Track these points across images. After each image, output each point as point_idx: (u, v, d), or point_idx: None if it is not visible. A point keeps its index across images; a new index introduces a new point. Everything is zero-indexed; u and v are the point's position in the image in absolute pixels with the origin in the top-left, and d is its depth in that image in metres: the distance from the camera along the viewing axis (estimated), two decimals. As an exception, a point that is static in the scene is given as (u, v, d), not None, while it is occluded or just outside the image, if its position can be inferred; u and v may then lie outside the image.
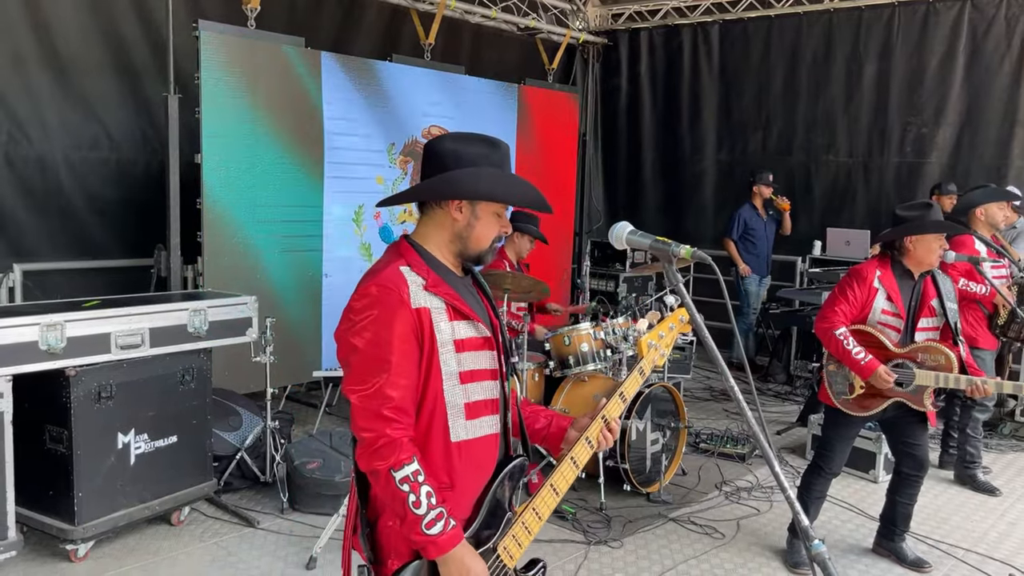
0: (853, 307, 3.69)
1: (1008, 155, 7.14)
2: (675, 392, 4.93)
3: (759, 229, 7.77)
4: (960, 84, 7.34)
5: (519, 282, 4.88)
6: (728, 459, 5.39)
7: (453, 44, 7.77)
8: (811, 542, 1.42)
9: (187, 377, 4.12)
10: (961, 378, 3.53)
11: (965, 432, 5.02)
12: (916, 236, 3.65)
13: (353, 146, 6.17)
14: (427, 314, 1.85)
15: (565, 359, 4.93)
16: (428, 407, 1.88)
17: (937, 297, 3.73)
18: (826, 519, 4.51)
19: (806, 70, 8.21)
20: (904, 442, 3.85)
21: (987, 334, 4.88)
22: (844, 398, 3.77)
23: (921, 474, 3.88)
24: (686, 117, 9.05)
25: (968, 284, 4.73)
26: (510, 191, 1.96)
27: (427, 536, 1.78)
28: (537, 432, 2.12)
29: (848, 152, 8.06)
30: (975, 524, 4.53)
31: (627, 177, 9.56)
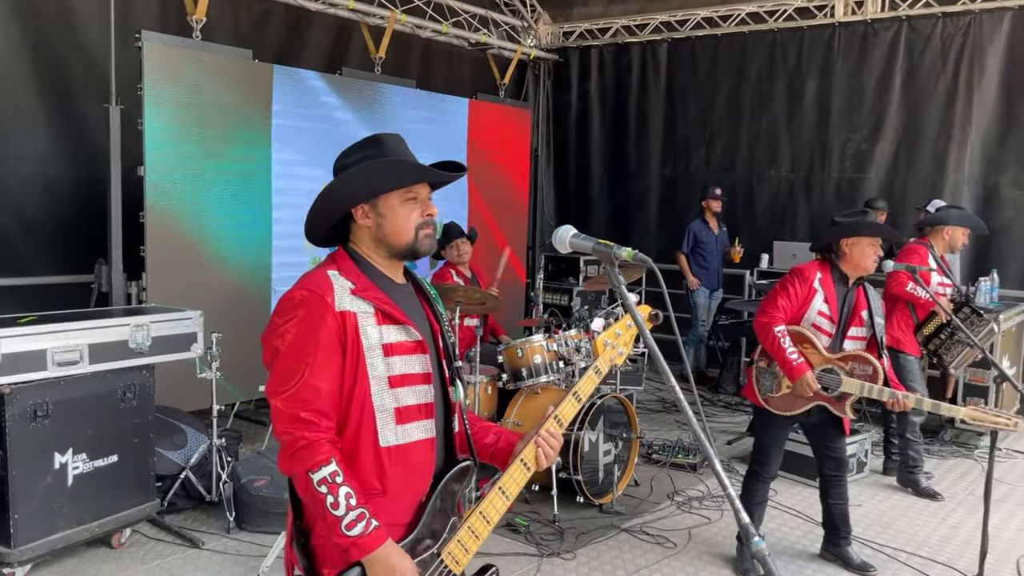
0: (793, 304, 3.78)
1: (943, 170, 7.38)
2: (627, 403, 4.96)
3: (710, 243, 7.88)
4: (897, 102, 7.59)
5: (470, 295, 4.87)
6: (680, 469, 5.43)
7: (404, 58, 7.77)
8: (751, 539, 1.43)
9: (128, 394, 4.00)
10: (884, 390, 3.64)
11: (905, 437, 5.15)
12: (851, 239, 3.76)
13: (302, 160, 6.11)
14: (352, 318, 1.84)
15: (518, 371, 4.92)
16: (356, 412, 1.86)
17: (867, 309, 3.84)
18: (775, 526, 4.57)
19: (750, 88, 8.40)
20: (825, 446, 3.98)
21: (912, 340, 5.08)
22: (769, 395, 3.85)
23: (842, 473, 4.00)
24: (633, 133, 9.17)
25: (916, 288, 4.89)
26: (382, 177, 1.92)
27: (348, 537, 1.76)
28: (486, 448, 2.10)
29: (790, 167, 8.26)
30: (918, 528, 4.63)
31: (576, 192, 9.64)
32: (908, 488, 5.18)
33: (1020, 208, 7.07)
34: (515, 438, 2.07)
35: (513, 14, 9.05)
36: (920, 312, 5.03)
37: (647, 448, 5.70)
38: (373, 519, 1.79)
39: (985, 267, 6.64)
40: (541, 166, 9.48)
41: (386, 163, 1.93)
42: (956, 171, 7.32)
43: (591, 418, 4.66)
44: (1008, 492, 5.19)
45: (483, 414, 4.90)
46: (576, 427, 4.59)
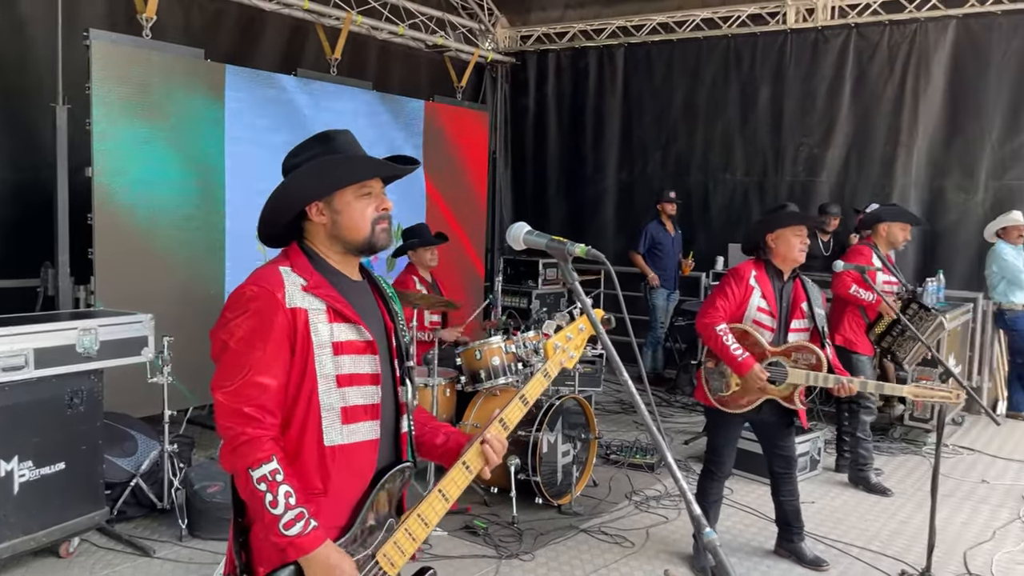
0: (732, 304, 3.86)
1: (892, 174, 7.58)
2: (586, 404, 4.99)
3: (666, 244, 7.98)
4: (848, 107, 7.77)
5: (427, 301, 4.87)
6: (638, 469, 5.48)
7: (360, 60, 7.74)
8: (703, 530, 1.45)
9: (76, 400, 3.91)
10: (829, 377, 3.74)
11: (856, 436, 5.27)
12: (774, 233, 3.85)
13: (257, 161, 6.03)
14: (303, 315, 1.84)
15: (476, 374, 4.93)
16: (302, 409, 1.85)
17: (807, 301, 3.93)
18: (730, 524, 4.64)
19: (705, 93, 8.54)
20: (775, 444, 4.06)
21: (865, 340, 5.20)
22: (720, 395, 3.92)
23: (791, 470, 4.09)
24: (590, 137, 9.25)
25: (859, 291, 5.02)
26: (336, 173, 1.91)
27: (286, 537, 1.76)
28: (435, 448, 2.11)
29: (744, 171, 8.41)
30: (869, 523, 4.74)
31: (534, 194, 9.70)
32: (859, 485, 5.30)
33: (964, 211, 7.30)
34: (464, 439, 2.08)
35: (470, 17, 9.07)
36: (870, 312, 5.16)
37: (605, 449, 5.74)
38: (312, 519, 1.78)
39: (932, 268, 6.83)
40: (499, 168, 9.51)
41: (339, 159, 1.93)
42: (904, 175, 7.53)
43: (549, 419, 4.68)
44: (955, 487, 5.35)
45: (441, 416, 4.90)
46: (534, 428, 4.61)
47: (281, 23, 7.05)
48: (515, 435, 4.67)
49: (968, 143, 7.23)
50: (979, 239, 7.07)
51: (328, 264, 1.96)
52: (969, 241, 7.25)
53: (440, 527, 4.36)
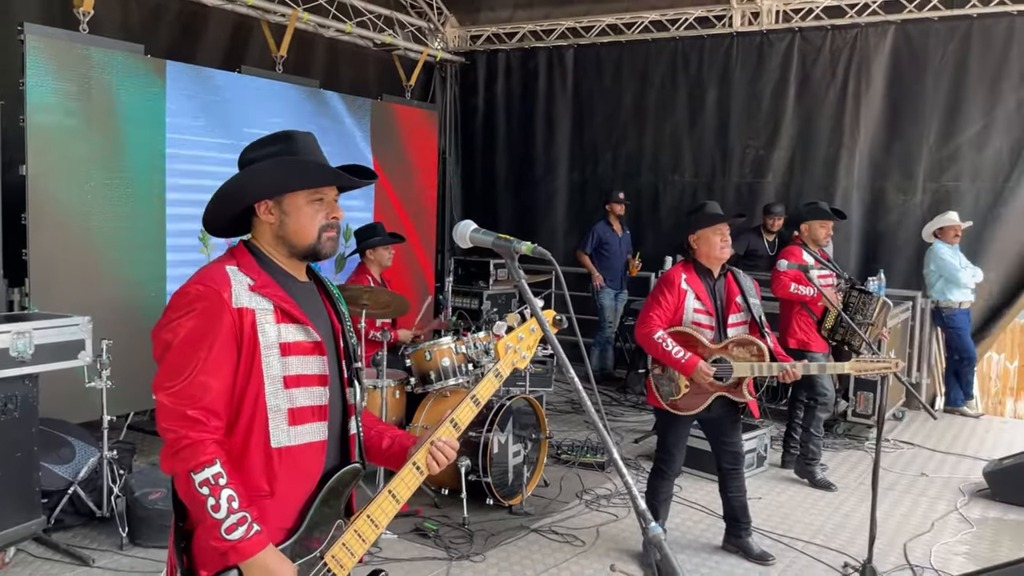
0: (667, 311, 3.94)
1: (835, 175, 7.79)
2: (536, 404, 5.03)
3: (613, 244, 8.06)
4: (792, 109, 7.96)
5: (377, 297, 4.84)
6: (588, 468, 5.53)
7: (307, 58, 7.66)
8: (648, 524, 1.49)
9: (9, 406, 3.80)
10: (773, 365, 3.86)
11: (808, 431, 5.39)
12: (695, 234, 3.95)
13: (199, 160, 5.93)
14: (250, 315, 1.83)
15: (426, 375, 4.92)
16: (248, 411, 1.84)
17: (741, 294, 4.03)
18: (679, 521, 4.72)
19: (654, 94, 8.66)
20: (722, 440, 4.15)
21: (817, 338, 5.31)
22: (672, 399, 3.98)
23: (739, 466, 4.18)
24: (540, 138, 9.31)
25: (799, 288, 5.16)
26: (292, 175, 1.91)
27: (227, 541, 1.74)
28: (381, 452, 2.11)
29: (693, 173, 8.55)
30: (813, 517, 4.87)
31: (484, 195, 9.72)
32: (805, 479, 5.43)
33: (904, 212, 7.53)
34: (410, 442, 2.08)
35: (419, 16, 9.05)
36: (815, 308, 5.28)
37: (556, 448, 5.78)
38: (255, 524, 1.77)
39: (873, 267, 7.03)
40: (449, 168, 9.50)
41: (299, 162, 1.92)
42: (847, 177, 7.75)
43: (500, 420, 4.70)
44: (895, 480, 5.52)
45: (391, 419, 4.88)
46: (485, 429, 4.63)
47: (224, 19, 6.94)
48: (466, 436, 4.65)
49: (907, 146, 7.47)
50: (918, 239, 7.31)
51: (275, 264, 1.95)
52: (908, 241, 7.48)
53: (390, 530, 4.34)
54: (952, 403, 7.24)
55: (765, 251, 7.54)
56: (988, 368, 7.72)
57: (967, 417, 7.14)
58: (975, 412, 7.24)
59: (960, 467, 5.85)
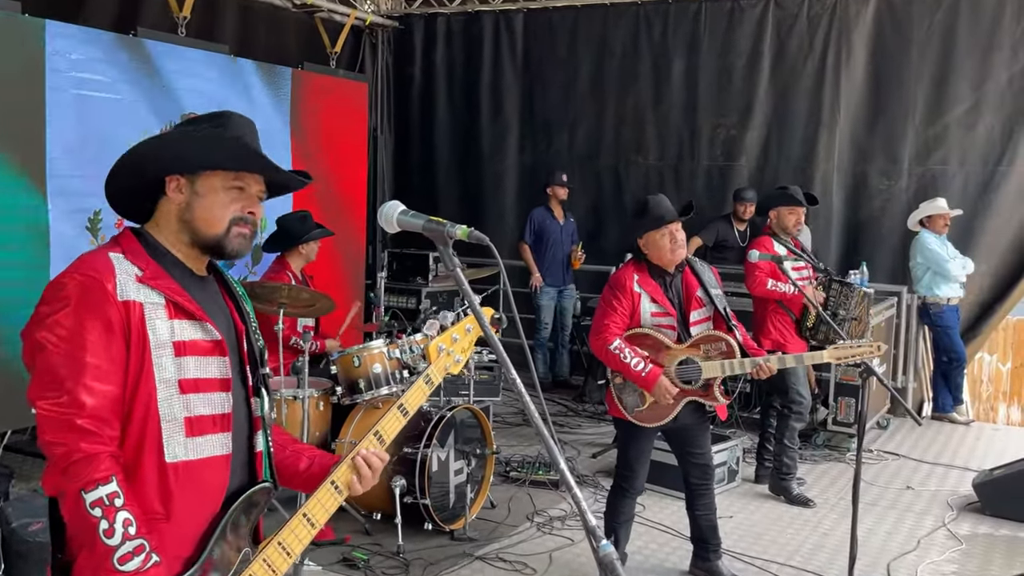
0: (622, 316, 3.99)
1: (814, 157, 7.95)
2: (481, 416, 5.03)
3: (553, 234, 8.06)
4: (767, 84, 8.10)
5: (297, 295, 4.79)
6: (540, 487, 5.56)
7: (215, 20, 7.52)
8: (599, 543, 1.50)
9: None
10: (745, 361, 3.94)
11: (783, 442, 5.50)
12: (642, 238, 4.01)
13: (85, 135, 5.77)
14: (138, 309, 1.80)
15: (355, 383, 4.88)
16: (138, 420, 1.81)
17: (701, 287, 4.11)
18: (642, 543, 4.77)
19: (614, 66, 8.72)
20: (690, 452, 4.20)
21: (796, 339, 5.38)
22: (638, 410, 4.02)
23: (709, 481, 4.25)
24: (486, 112, 9.31)
25: (777, 284, 5.23)
26: (217, 150, 1.89)
27: (119, 572, 1.71)
28: (298, 474, 2.08)
29: (658, 154, 8.64)
30: (789, 537, 4.97)
31: (422, 177, 9.69)
32: (780, 496, 5.54)
33: (888, 199, 7.73)
34: (332, 462, 2.06)
35: (347, -27, 8.98)
36: (793, 307, 5.36)
37: (504, 465, 5.80)
38: (154, 553, 1.74)
39: (854, 260, 7.20)
40: (381, 148, 9.45)
41: (228, 138, 1.90)
42: (826, 159, 7.91)
43: (440, 434, 4.70)
44: (879, 494, 5.67)
45: (314, 434, 4.84)
46: (422, 444, 4.61)
47: (115, -26, 6.77)
48: (401, 452, 4.66)
49: (891, 125, 7.65)
50: (903, 228, 7.51)
51: (170, 254, 1.92)
52: (893, 230, 7.68)
53: (313, 560, 4.30)
54: (940, 409, 7.46)
55: (736, 241, 7.66)
56: (979, 370, 7.97)
57: (956, 424, 7.37)
58: (965, 419, 7.47)
59: (948, 479, 6.03)
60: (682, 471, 4.28)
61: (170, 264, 1.91)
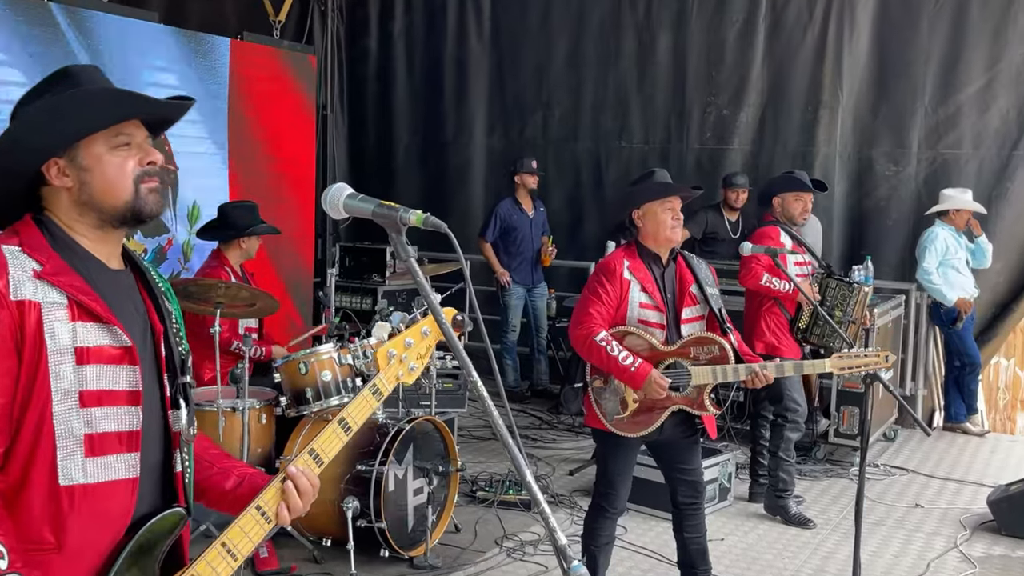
0: (608, 306, 3.96)
1: (813, 140, 8.02)
2: (445, 429, 5.02)
3: (522, 228, 8.05)
4: (761, 60, 8.16)
5: (235, 293, 4.75)
6: (511, 508, 5.56)
7: (142, -18, 7.47)
8: (569, 564, 1.50)
9: None
10: (739, 368, 3.91)
11: (777, 455, 5.53)
12: (640, 209, 3.99)
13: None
14: (35, 310, 1.76)
15: (301, 393, 4.86)
16: (28, 436, 1.76)
17: (695, 283, 4.09)
18: (624, 569, 4.79)
19: (593, 40, 8.75)
20: (678, 468, 4.15)
21: (791, 342, 5.41)
22: (618, 418, 4.01)
23: (699, 500, 4.22)
24: (451, 90, 9.32)
25: (771, 280, 5.26)
26: (76, 114, 1.83)
27: None
28: (224, 495, 2.04)
29: (643, 138, 8.69)
30: (787, 561, 5.01)
31: (379, 163, 9.69)
32: (777, 516, 5.58)
33: (895, 186, 7.80)
34: (262, 483, 2.00)
35: (293, -68, 8.93)
36: (789, 305, 5.40)
37: (470, 484, 5.79)
38: None
39: (858, 254, 7.26)
40: (332, 130, 9.40)
41: (79, 94, 1.84)
42: (827, 143, 7.98)
43: (397, 449, 4.68)
44: (886, 513, 5.73)
45: (256, 451, 4.80)
46: (378, 461, 4.60)
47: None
48: (353, 470, 4.64)
49: (898, 105, 7.72)
50: (912, 219, 7.60)
51: (77, 244, 1.87)
52: (900, 221, 7.76)
53: (255, 593, 4.27)
54: (953, 418, 7.54)
55: (727, 232, 7.68)
56: (995, 376, 8.07)
57: (970, 435, 7.45)
58: (980, 429, 7.56)
59: (961, 495, 6.11)
60: (670, 489, 4.27)
61: (77, 256, 1.86)
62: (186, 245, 6.76)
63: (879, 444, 7.07)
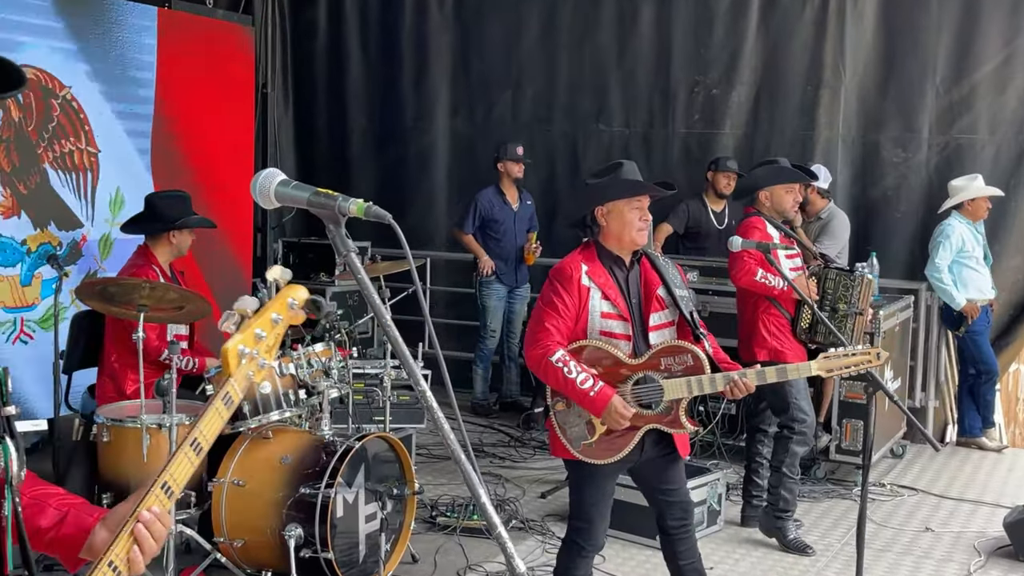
0: (567, 319, 3.88)
1: (813, 124, 8.05)
2: (400, 447, 4.99)
3: (506, 221, 8.04)
4: (755, 33, 8.18)
5: (162, 294, 4.70)
6: (475, 535, 5.53)
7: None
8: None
9: None
10: (717, 378, 3.85)
11: (780, 471, 5.48)
12: (605, 206, 3.92)
13: None
14: None
15: (238, 408, 4.79)
16: None
17: (663, 285, 4.03)
18: (601, 604, 4.78)
19: (567, 11, 8.77)
20: (661, 489, 4.11)
21: (795, 344, 5.38)
22: (586, 443, 3.94)
23: (690, 521, 4.18)
24: (410, 68, 9.30)
25: (767, 277, 5.25)
26: None
27: None
28: (42, 533, 1.93)
29: (623, 120, 8.70)
30: (783, 592, 5.03)
31: (330, 149, 9.65)
32: (773, 539, 5.57)
33: (904, 174, 7.84)
34: (92, 520, 1.90)
35: None
36: (788, 304, 5.35)
37: (430, 509, 5.78)
38: None
39: (863, 250, 7.30)
40: (274, 111, 9.33)
41: None
42: (829, 127, 8.02)
43: (347, 469, 4.63)
44: (892, 538, 5.75)
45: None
46: (323, 484, 4.55)
47: None
48: (296, 494, 4.59)
49: (907, 85, 7.77)
50: (922, 210, 7.65)
51: None
52: (910, 213, 7.81)
53: (182, 633, 4.22)
54: (968, 432, 7.59)
55: (712, 226, 7.66)
56: (1014, 386, 8.11)
57: (986, 451, 7.51)
58: (997, 444, 7.61)
59: (975, 518, 6.14)
60: (656, 513, 4.23)
61: None
62: (104, 240, 6.67)
63: (885, 461, 7.11)
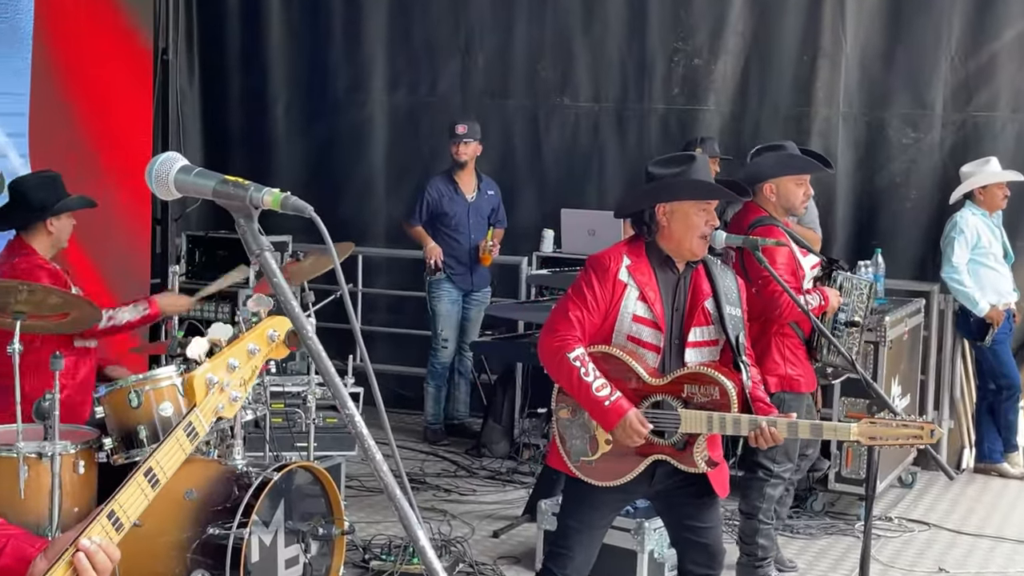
0: (594, 313, 3.91)
1: (810, 99, 8.14)
2: (326, 479, 4.97)
3: (457, 214, 8.03)
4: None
5: (41, 299, 4.66)
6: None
7: None
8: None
9: None
10: (742, 419, 3.81)
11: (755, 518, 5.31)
12: (669, 204, 3.94)
13: None
14: None
15: (132, 432, 4.76)
16: None
17: (712, 297, 4.02)
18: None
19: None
20: (687, 526, 4.09)
21: (809, 370, 5.26)
22: (585, 460, 3.98)
23: (716, 571, 4.14)
24: (340, 33, 9.30)
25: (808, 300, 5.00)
26: None
27: None
28: None
29: (592, 94, 8.72)
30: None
31: (244, 127, 9.63)
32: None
33: (914, 158, 7.93)
34: (32, 550, 1.98)
35: None
36: (803, 323, 5.18)
37: (362, 552, 5.77)
38: None
39: (867, 245, 7.36)
40: (176, 82, 9.26)
41: None
42: (828, 103, 8.09)
43: (264, 506, 4.62)
44: (901, 581, 5.82)
45: (72, 509, 4.70)
46: (236, 522, 4.53)
47: None
48: (203, 535, 4.56)
49: (917, 56, 7.86)
50: (935, 200, 7.73)
51: None
52: (920, 205, 7.90)
53: None
54: (987, 457, 7.66)
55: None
56: (1040, 403, 8.22)
57: (1008, 478, 7.57)
58: (1020, 471, 7.66)
59: (995, 556, 6.21)
60: (677, 554, 4.23)
61: None
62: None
63: (893, 491, 7.17)
